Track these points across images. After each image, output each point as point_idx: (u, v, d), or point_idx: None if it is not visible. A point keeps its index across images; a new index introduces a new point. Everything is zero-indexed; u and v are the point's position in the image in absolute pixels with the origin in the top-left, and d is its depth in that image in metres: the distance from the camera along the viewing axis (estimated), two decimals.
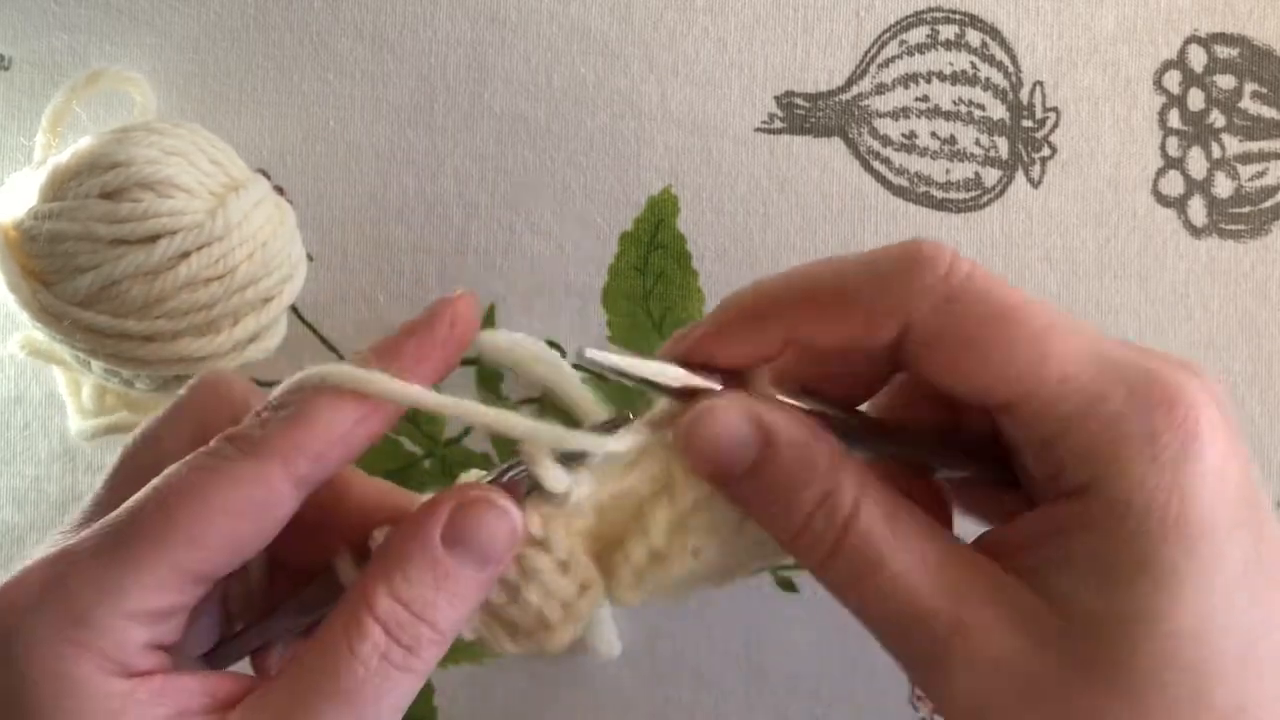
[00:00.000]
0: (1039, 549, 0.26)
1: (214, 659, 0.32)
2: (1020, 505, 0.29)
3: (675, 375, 0.29)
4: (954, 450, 0.30)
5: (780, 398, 0.29)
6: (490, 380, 0.49)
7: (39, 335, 0.44)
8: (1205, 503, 0.24)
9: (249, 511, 0.27)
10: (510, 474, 0.30)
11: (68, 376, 0.47)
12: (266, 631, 0.32)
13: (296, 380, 0.29)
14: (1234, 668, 0.24)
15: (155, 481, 0.28)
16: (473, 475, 0.31)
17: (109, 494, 0.29)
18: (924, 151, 0.50)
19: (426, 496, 0.30)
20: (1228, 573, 0.24)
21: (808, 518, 0.27)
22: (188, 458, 0.28)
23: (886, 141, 0.50)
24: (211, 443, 0.28)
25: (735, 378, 0.29)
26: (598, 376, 0.42)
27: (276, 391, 0.29)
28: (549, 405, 0.49)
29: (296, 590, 0.32)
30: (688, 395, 0.29)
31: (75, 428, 0.47)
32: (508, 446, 0.49)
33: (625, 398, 0.48)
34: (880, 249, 0.27)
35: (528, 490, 0.30)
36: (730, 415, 0.28)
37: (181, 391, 0.31)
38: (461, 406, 0.29)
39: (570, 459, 0.29)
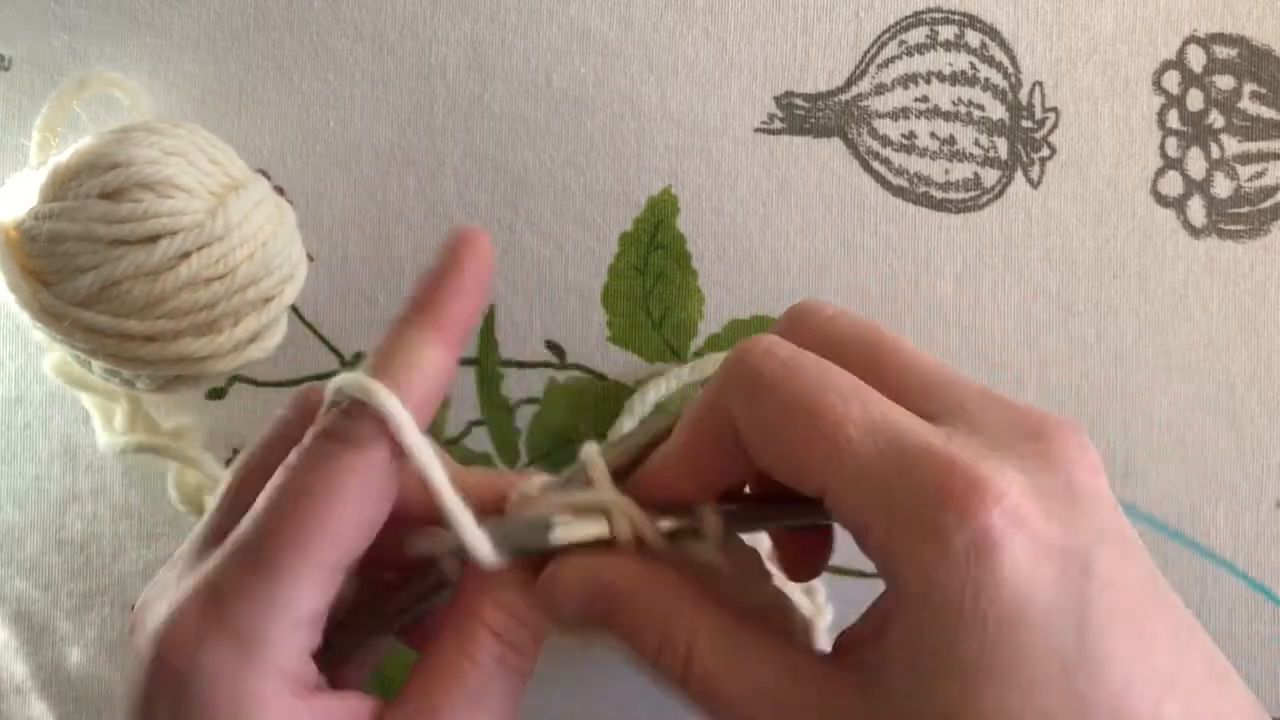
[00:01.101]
0: (871, 644, 0.26)
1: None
2: (799, 549, 0.33)
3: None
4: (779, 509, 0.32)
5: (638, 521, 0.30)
6: (490, 381, 0.49)
7: (72, 360, 0.45)
8: (1006, 596, 0.24)
9: (371, 495, 0.29)
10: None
11: (99, 401, 0.47)
12: (370, 632, 0.33)
13: (350, 385, 0.30)
14: None
15: (268, 491, 0.28)
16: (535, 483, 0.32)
17: (224, 517, 0.30)
18: (923, 152, 0.50)
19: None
20: (1040, 663, 0.24)
21: (654, 656, 0.29)
22: (290, 462, 0.29)
23: (886, 142, 0.50)
24: (306, 443, 0.29)
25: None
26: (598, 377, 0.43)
27: (331, 388, 0.30)
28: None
29: (390, 589, 0.33)
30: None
31: (103, 442, 0.47)
32: (511, 450, 0.49)
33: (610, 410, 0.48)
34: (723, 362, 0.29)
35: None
36: (570, 580, 0.30)
37: (281, 411, 0.32)
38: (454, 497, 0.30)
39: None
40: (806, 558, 0.34)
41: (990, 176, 0.50)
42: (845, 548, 0.36)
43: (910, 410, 0.27)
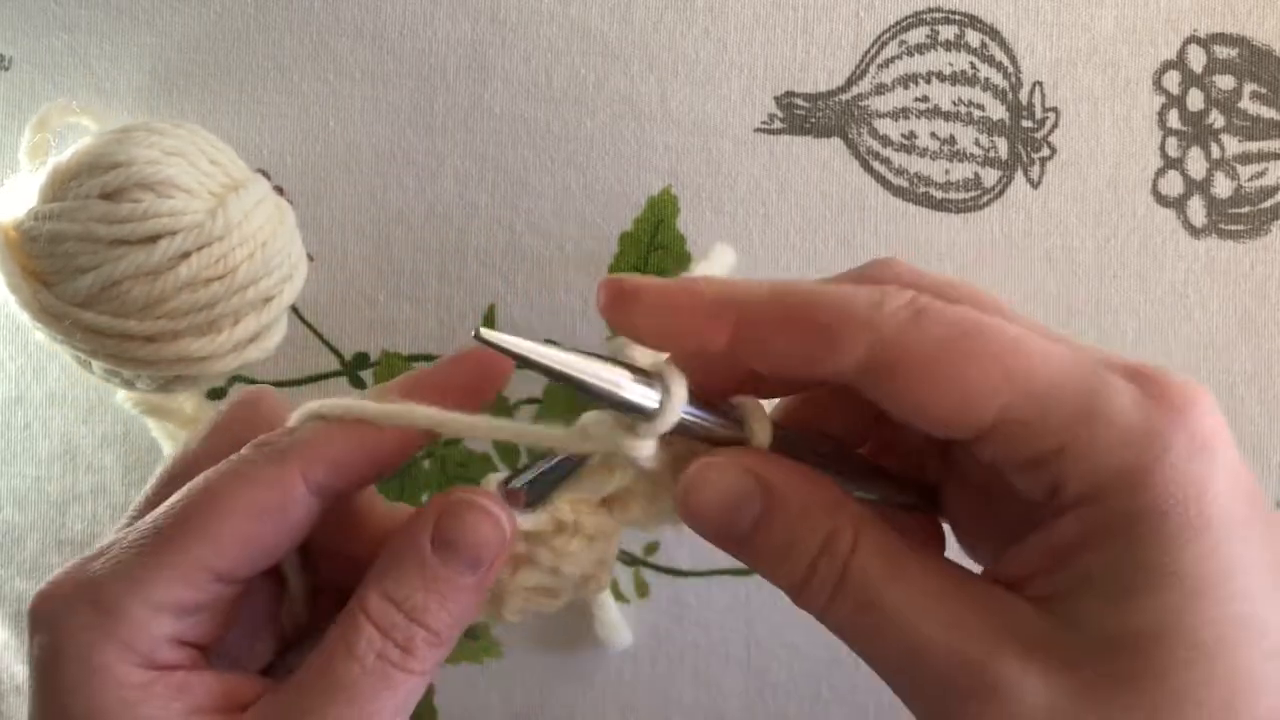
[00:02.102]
0: (1050, 573, 0.25)
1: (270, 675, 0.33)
2: (924, 528, 0.30)
3: (593, 370, 0.26)
4: (887, 483, 0.30)
5: (769, 434, 0.28)
6: None
7: (150, 393, 0.45)
8: (1221, 502, 0.23)
9: (266, 513, 0.29)
10: (520, 479, 0.30)
11: (168, 429, 0.47)
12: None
13: (317, 407, 0.30)
14: (1266, 672, 0.23)
15: (186, 485, 0.29)
16: (493, 480, 0.31)
17: (147, 503, 0.31)
18: (924, 152, 0.50)
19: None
20: (1250, 572, 0.23)
21: (812, 564, 0.26)
22: (220, 464, 0.29)
23: (886, 142, 0.50)
24: (243, 449, 0.30)
25: (715, 406, 0.28)
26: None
27: (296, 415, 0.30)
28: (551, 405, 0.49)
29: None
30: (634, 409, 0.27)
31: None
32: (511, 450, 0.49)
33: None
34: (848, 274, 0.27)
35: (562, 478, 0.30)
36: (730, 475, 0.27)
37: (221, 407, 0.33)
38: (469, 420, 0.29)
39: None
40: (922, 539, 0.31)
41: (990, 176, 0.50)
42: None
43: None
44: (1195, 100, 0.50)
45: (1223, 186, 0.50)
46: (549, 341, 0.26)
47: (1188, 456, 0.23)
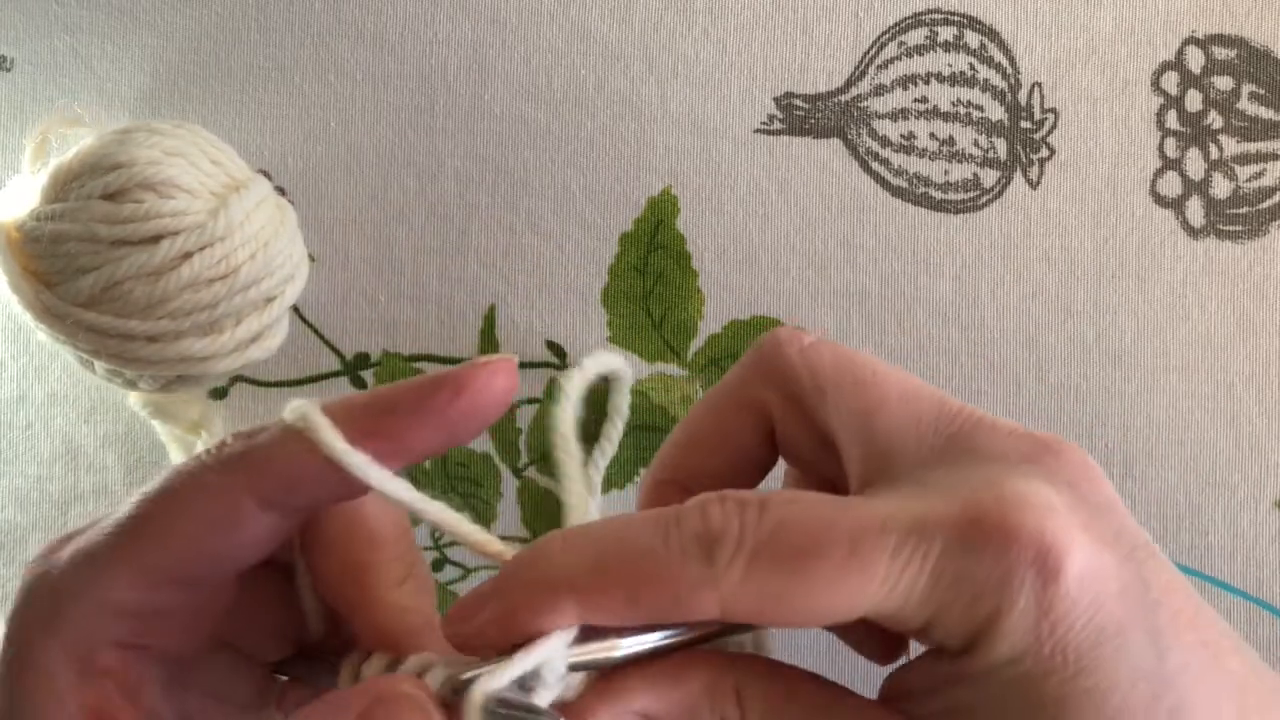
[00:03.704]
0: (931, 700, 0.25)
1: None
2: (877, 633, 0.28)
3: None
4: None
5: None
6: None
7: (157, 394, 0.45)
8: (1076, 622, 0.23)
9: (213, 522, 0.27)
10: (470, 675, 0.25)
11: (178, 441, 0.47)
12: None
13: (291, 413, 0.28)
14: None
15: (146, 485, 0.28)
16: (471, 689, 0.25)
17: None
18: (923, 152, 0.50)
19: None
20: (1127, 684, 0.23)
21: None
22: (186, 461, 0.28)
23: (885, 142, 0.50)
24: (203, 449, 0.29)
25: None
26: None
27: (286, 410, 0.28)
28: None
29: (347, 649, 0.30)
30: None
31: None
32: (511, 450, 0.49)
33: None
34: (670, 513, 0.25)
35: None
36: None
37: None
38: (421, 505, 0.27)
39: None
40: (885, 639, 0.30)
41: (989, 177, 0.50)
42: None
43: (904, 455, 0.26)
44: (1194, 101, 0.50)
45: (1221, 187, 0.50)
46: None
47: (1037, 592, 0.23)
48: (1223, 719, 0.23)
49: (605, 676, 0.26)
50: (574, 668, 0.25)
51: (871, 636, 0.30)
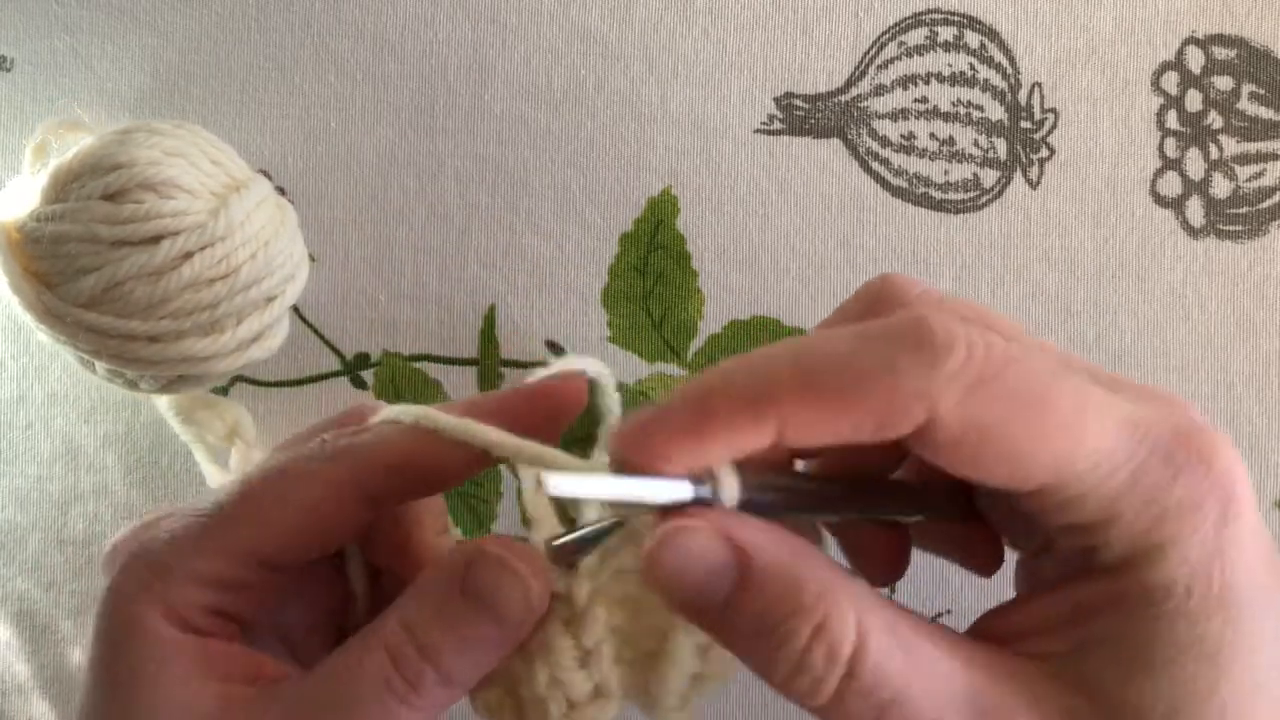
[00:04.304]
0: (1065, 632, 0.24)
1: None
2: (984, 540, 0.29)
3: (657, 489, 0.23)
4: (932, 502, 0.28)
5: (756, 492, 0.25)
6: (490, 381, 0.49)
7: (185, 400, 0.46)
8: (1244, 569, 0.23)
9: (314, 509, 0.30)
10: (571, 537, 0.27)
11: (203, 447, 0.48)
12: None
13: (393, 412, 0.31)
14: None
15: (257, 466, 0.31)
16: (540, 540, 0.29)
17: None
18: (923, 153, 0.50)
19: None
20: (1270, 642, 0.23)
21: (801, 656, 0.23)
22: (287, 453, 0.31)
23: (885, 143, 0.50)
24: (309, 443, 0.31)
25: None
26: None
27: (377, 416, 0.32)
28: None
29: None
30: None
31: (215, 481, 0.48)
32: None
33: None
34: (880, 325, 0.23)
35: (601, 538, 0.27)
36: (700, 539, 0.23)
37: (329, 416, 0.35)
38: (520, 445, 0.30)
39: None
40: (889, 557, 0.30)
41: (989, 177, 0.50)
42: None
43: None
44: (1194, 101, 0.50)
45: (1221, 187, 0.50)
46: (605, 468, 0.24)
47: (1217, 528, 0.23)
48: None
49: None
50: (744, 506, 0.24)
51: (982, 543, 0.29)
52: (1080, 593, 0.24)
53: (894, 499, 0.28)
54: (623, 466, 0.24)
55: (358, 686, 0.28)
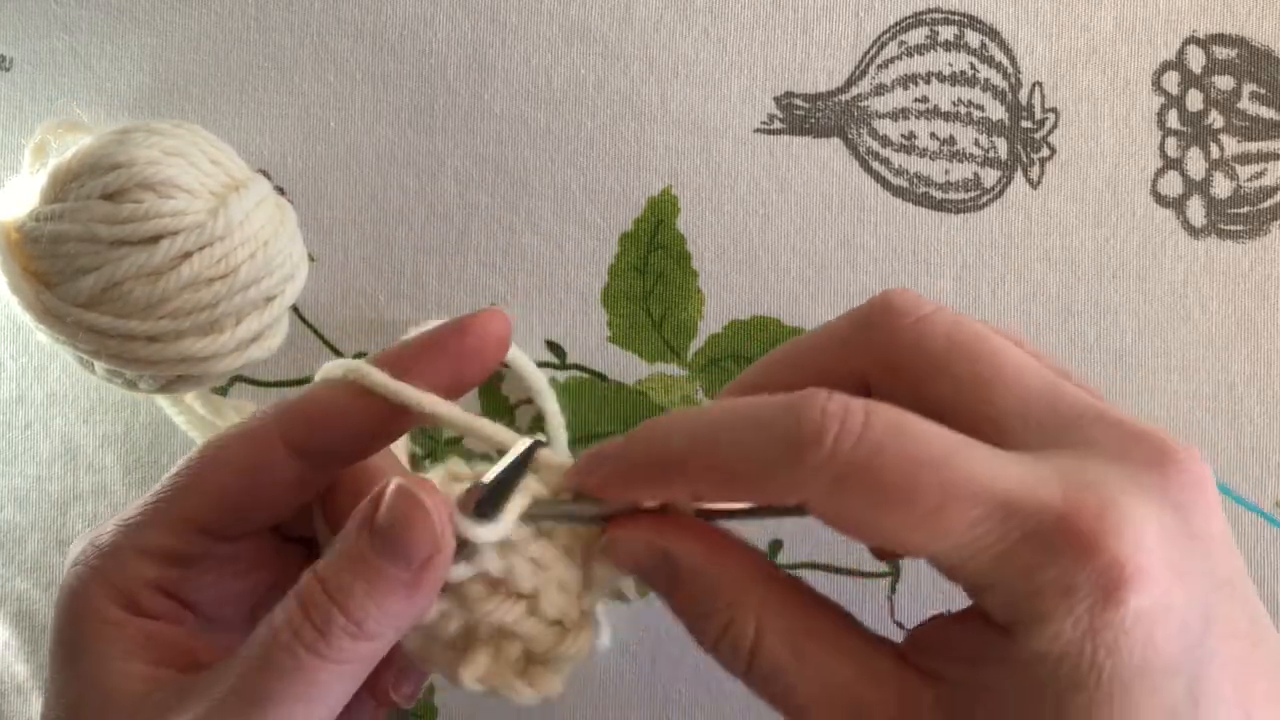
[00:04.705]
0: (956, 663, 0.25)
1: None
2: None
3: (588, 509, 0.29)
4: None
5: (698, 507, 0.28)
6: (490, 380, 0.49)
7: (198, 404, 0.46)
8: (1125, 652, 0.22)
9: (243, 469, 0.30)
10: (488, 479, 0.28)
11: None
12: None
13: (324, 368, 0.32)
14: None
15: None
16: (449, 480, 0.30)
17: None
18: (923, 152, 0.50)
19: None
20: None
21: (715, 641, 0.27)
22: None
23: (886, 142, 0.50)
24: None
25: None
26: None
27: (317, 374, 0.32)
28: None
29: None
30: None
31: None
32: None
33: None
34: (769, 410, 0.25)
35: (514, 479, 0.28)
36: (636, 546, 0.28)
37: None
38: (444, 408, 0.30)
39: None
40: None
41: (990, 177, 0.50)
42: (844, 547, 0.36)
43: (1013, 438, 0.25)
44: (1194, 100, 0.50)
45: (1222, 187, 0.50)
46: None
47: (1095, 612, 0.22)
48: None
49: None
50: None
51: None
52: (974, 631, 0.25)
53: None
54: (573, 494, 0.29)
55: (270, 640, 0.27)
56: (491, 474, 0.28)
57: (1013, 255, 0.50)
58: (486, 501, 0.28)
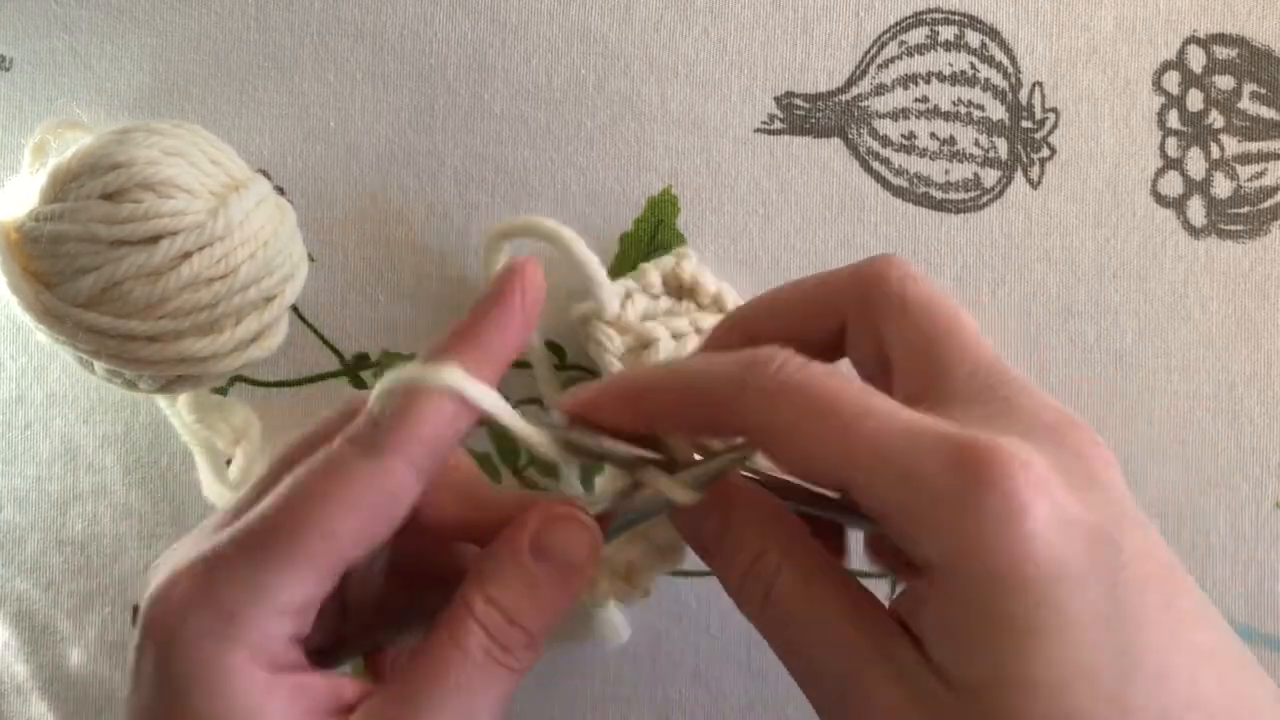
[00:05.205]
0: (917, 618, 0.27)
1: (331, 657, 0.34)
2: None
3: (629, 451, 0.32)
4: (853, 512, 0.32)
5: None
6: None
7: (204, 401, 0.46)
8: (1040, 556, 0.24)
9: (378, 505, 0.29)
10: (599, 507, 0.32)
11: (209, 454, 0.47)
12: (389, 632, 0.36)
13: (391, 382, 0.30)
14: (1108, 713, 0.24)
15: (288, 481, 0.30)
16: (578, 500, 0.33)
17: (252, 497, 0.31)
18: (923, 152, 0.50)
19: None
20: (1083, 620, 0.24)
21: (742, 578, 0.30)
22: (312, 460, 0.30)
23: (886, 142, 0.50)
24: (334, 443, 0.30)
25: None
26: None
27: (373, 395, 0.31)
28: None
29: (415, 593, 0.35)
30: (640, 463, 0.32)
31: (213, 494, 0.47)
32: (510, 450, 0.49)
33: None
34: (846, 268, 0.32)
35: (630, 525, 0.33)
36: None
37: (327, 413, 0.33)
38: (541, 435, 0.32)
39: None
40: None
41: (990, 177, 0.50)
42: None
43: (955, 387, 0.29)
44: (1195, 100, 0.50)
45: (1222, 187, 0.50)
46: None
47: (995, 519, 0.25)
48: (1172, 671, 0.25)
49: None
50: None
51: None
52: (914, 586, 0.28)
53: (827, 504, 0.32)
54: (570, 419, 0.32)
55: (463, 666, 0.30)
56: (625, 518, 0.33)
57: (1013, 255, 0.50)
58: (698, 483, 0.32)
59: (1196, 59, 0.50)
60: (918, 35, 0.50)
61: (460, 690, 0.29)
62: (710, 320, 0.46)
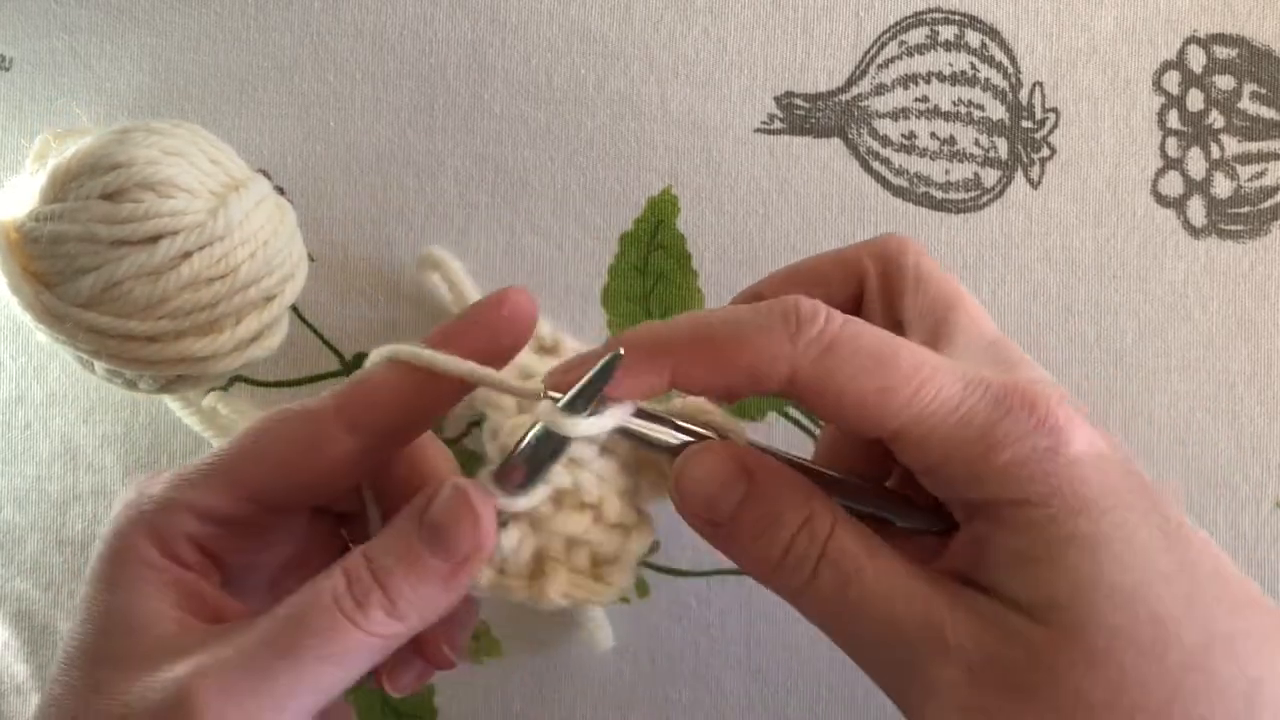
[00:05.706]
0: (975, 565, 0.28)
1: None
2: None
3: (672, 434, 0.31)
4: (894, 502, 0.32)
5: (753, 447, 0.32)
6: None
7: (215, 402, 0.46)
8: (1094, 480, 0.27)
9: (302, 441, 0.31)
10: (521, 449, 0.31)
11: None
12: None
13: (373, 355, 0.33)
14: (1185, 610, 0.26)
15: (254, 427, 0.32)
16: (484, 472, 0.32)
17: (229, 458, 0.33)
18: (923, 152, 0.50)
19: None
20: (1144, 533, 0.26)
21: (790, 541, 0.29)
22: (275, 412, 0.32)
23: (886, 142, 0.50)
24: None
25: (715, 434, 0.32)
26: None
27: (370, 358, 0.33)
28: None
29: None
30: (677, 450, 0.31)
31: None
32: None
33: None
34: (765, 304, 0.30)
35: (551, 456, 0.31)
36: (719, 458, 0.31)
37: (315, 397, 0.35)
38: (483, 372, 0.31)
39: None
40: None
41: (990, 177, 0.50)
42: None
43: (970, 344, 0.31)
44: (1195, 100, 0.50)
45: (1222, 187, 0.50)
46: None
47: (1051, 453, 0.27)
48: (1224, 572, 0.27)
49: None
50: (630, 434, 0.31)
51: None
52: (970, 531, 0.29)
53: (874, 497, 0.32)
54: (556, 386, 0.31)
55: (307, 604, 0.29)
56: (522, 446, 0.31)
57: (1013, 255, 0.50)
58: (577, 401, 0.30)
59: (1196, 59, 0.50)
60: (918, 35, 0.50)
61: (299, 627, 0.29)
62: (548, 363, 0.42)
